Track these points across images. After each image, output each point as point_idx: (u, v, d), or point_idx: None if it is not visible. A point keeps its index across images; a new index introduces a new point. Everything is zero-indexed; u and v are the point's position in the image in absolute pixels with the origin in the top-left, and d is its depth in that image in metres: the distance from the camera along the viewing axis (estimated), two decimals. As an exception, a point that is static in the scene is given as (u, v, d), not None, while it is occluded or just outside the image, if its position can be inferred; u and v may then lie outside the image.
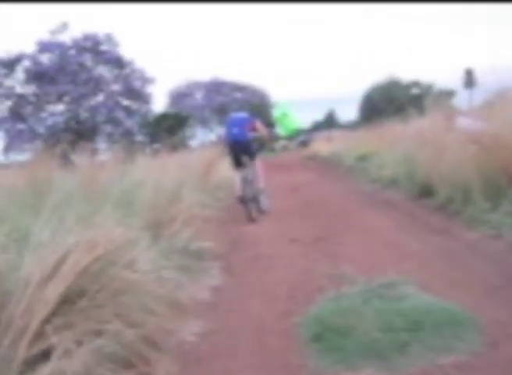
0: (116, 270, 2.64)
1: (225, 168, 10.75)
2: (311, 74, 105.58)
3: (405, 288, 3.14)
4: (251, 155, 7.20)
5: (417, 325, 2.50)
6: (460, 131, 5.82)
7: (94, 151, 7.63)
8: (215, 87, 42.99)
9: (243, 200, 7.00)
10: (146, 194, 5.29)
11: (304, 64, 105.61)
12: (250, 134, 7.26)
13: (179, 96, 42.27)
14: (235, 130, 7.11)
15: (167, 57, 79.44)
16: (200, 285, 4.08)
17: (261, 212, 7.18)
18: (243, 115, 7.58)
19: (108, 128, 31.87)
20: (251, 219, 6.80)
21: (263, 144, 8.44)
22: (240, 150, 7.09)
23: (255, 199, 7.12)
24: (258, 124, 7.49)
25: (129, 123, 32.26)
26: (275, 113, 7.05)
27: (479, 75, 15.27)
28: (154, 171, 6.31)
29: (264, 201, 7.46)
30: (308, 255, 4.54)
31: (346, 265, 3.95)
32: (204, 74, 55.98)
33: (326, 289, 3.38)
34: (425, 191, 6.17)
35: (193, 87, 43.21)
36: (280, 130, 7.04)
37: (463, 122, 6.09)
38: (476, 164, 4.70)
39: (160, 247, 4.39)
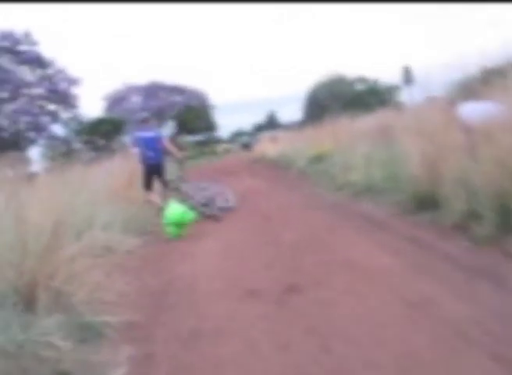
0: None
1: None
2: (249, 76, 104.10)
3: None
4: (162, 175, 7.31)
5: None
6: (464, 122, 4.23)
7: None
8: (153, 91, 41.72)
9: None
10: (6, 235, 3.29)
11: (243, 65, 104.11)
12: (164, 156, 7.38)
13: (115, 100, 40.83)
14: (151, 154, 7.14)
15: (103, 60, 75.28)
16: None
17: (216, 218, 6.77)
18: (152, 134, 7.35)
19: (31, 135, 29.09)
20: (217, 220, 6.62)
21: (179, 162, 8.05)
22: (155, 172, 7.24)
23: (206, 204, 7.16)
24: (167, 143, 7.42)
25: (56, 128, 29.73)
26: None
27: (417, 72, 14.77)
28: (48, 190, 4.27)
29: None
30: (279, 332, 2.66)
31: (353, 359, 2.15)
32: (143, 77, 53.29)
33: None
34: (425, 203, 4.47)
35: (130, 90, 41.75)
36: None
37: (468, 109, 4.48)
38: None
39: (22, 331, 2.55)
